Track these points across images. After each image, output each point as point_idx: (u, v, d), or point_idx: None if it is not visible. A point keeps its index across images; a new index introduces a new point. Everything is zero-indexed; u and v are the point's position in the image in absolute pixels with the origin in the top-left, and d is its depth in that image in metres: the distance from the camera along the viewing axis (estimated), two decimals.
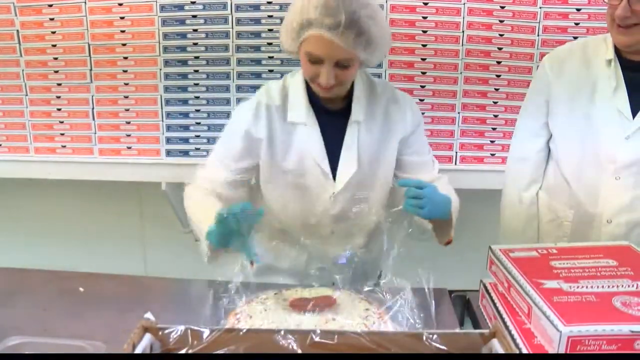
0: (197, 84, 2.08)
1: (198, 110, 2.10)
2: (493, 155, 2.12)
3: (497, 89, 2.05)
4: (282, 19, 1.44)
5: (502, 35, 1.99)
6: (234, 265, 1.29)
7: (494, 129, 2.09)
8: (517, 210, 1.67)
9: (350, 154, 1.50)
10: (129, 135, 2.14)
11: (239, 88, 2.07)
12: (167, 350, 0.98)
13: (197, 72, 2.06)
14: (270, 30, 2.00)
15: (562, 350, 1.01)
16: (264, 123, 1.49)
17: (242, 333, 0.99)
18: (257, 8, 1.99)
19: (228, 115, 1.58)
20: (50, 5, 2.03)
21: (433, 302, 1.19)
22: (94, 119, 2.13)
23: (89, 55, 2.06)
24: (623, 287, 1.14)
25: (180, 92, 2.09)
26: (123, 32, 2.03)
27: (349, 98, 1.50)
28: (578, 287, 1.14)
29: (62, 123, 2.15)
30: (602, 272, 1.20)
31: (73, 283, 1.50)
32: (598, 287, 1.14)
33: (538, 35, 1.98)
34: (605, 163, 1.51)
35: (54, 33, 2.05)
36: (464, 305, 1.47)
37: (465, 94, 2.06)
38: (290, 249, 1.64)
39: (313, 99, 1.49)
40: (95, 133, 2.15)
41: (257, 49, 2.03)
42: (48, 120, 2.15)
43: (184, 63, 2.06)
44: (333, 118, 1.51)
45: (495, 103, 2.07)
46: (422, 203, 1.35)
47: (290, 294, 1.32)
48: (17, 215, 2.49)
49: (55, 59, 2.08)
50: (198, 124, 2.11)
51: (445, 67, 2.03)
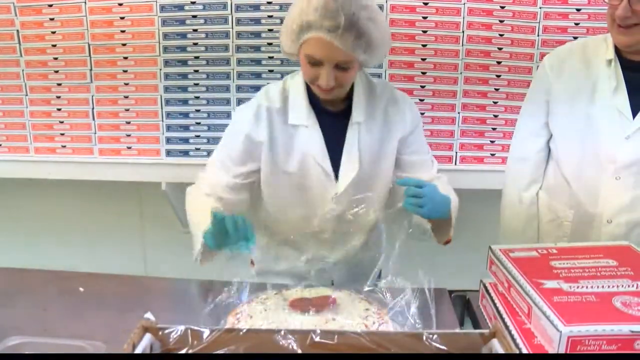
0: (197, 84, 2.07)
1: (198, 110, 2.10)
2: (493, 155, 2.12)
3: (497, 89, 2.05)
4: (282, 19, 1.43)
5: (502, 35, 1.99)
6: (234, 265, 1.30)
7: (494, 129, 2.09)
8: (517, 210, 1.67)
9: (352, 155, 1.50)
10: (129, 135, 2.14)
11: (239, 88, 2.07)
12: (167, 350, 0.98)
13: (197, 72, 2.06)
14: (270, 30, 2.00)
15: (562, 350, 1.01)
16: (265, 126, 1.48)
17: (242, 333, 0.99)
18: (257, 8, 1.99)
19: (228, 116, 1.58)
20: (50, 5, 2.03)
21: (433, 302, 1.19)
22: (94, 119, 2.13)
23: (89, 55, 2.06)
24: (623, 287, 1.14)
25: (180, 92, 2.08)
26: (123, 32, 2.03)
27: (349, 99, 1.50)
28: (578, 287, 1.14)
29: (62, 123, 2.15)
30: (602, 272, 1.20)
31: (73, 283, 1.50)
32: (598, 287, 1.14)
33: (538, 35, 1.98)
34: (606, 163, 1.51)
35: (54, 33, 2.05)
36: (464, 305, 1.47)
37: (465, 94, 2.06)
38: (291, 251, 1.64)
39: (313, 101, 1.49)
40: (95, 133, 2.15)
41: (257, 49, 2.03)
42: (48, 120, 2.15)
43: (184, 63, 2.05)
44: (333, 119, 1.50)
45: (495, 103, 2.06)
46: (422, 202, 1.36)
47: (290, 294, 1.32)
48: (17, 215, 2.49)
49: (55, 59, 2.08)
50: (198, 124, 2.11)
51: (445, 67, 2.03)
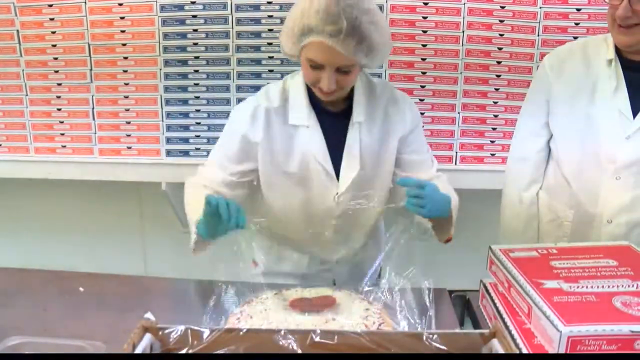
0: (197, 84, 2.07)
1: (198, 110, 2.10)
2: (493, 155, 2.12)
3: (497, 89, 2.05)
4: (282, 19, 1.43)
5: (502, 35, 1.99)
6: (235, 265, 1.30)
7: (494, 129, 2.09)
8: (517, 210, 1.67)
9: (353, 155, 1.50)
10: (129, 135, 2.14)
11: (239, 88, 2.07)
12: (167, 350, 0.99)
13: (197, 72, 2.06)
14: (270, 30, 2.00)
15: (562, 350, 1.01)
16: (262, 126, 1.48)
17: (242, 333, 1.00)
18: (257, 8, 1.99)
19: (228, 116, 1.58)
20: (50, 5, 2.03)
21: (433, 302, 1.19)
22: (94, 119, 2.13)
23: (89, 55, 2.06)
24: (623, 287, 1.14)
25: (180, 92, 2.09)
26: (123, 32, 2.03)
27: (350, 99, 1.50)
28: (578, 287, 1.14)
29: (62, 123, 2.15)
30: (602, 272, 1.20)
31: (73, 283, 1.50)
32: (598, 287, 1.14)
33: (538, 35, 1.98)
34: (606, 163, 1.51)
35: (54, 33, 2.05)
36: (464, 305, 1.47)
37: (465, 94, 2.06)
38: (292, 252, 1.64)
39: (314, 101, 1.49)
40: (96, 133, 2.15)
41: (257, 49, 2.03)
42: (48, 120, 2.15)
43: (184, 63, 2.05)
44: (334, 119, 1.50)
45: (496, 103, 2.06)
46: (423, 202, 1.36)
47: (290, 294, 1.32)
48: (17, 215, 2.49)
49: (56, 59, 2.08)
50: (198, 124, 2.11)
51: (445, 67, 2.03)
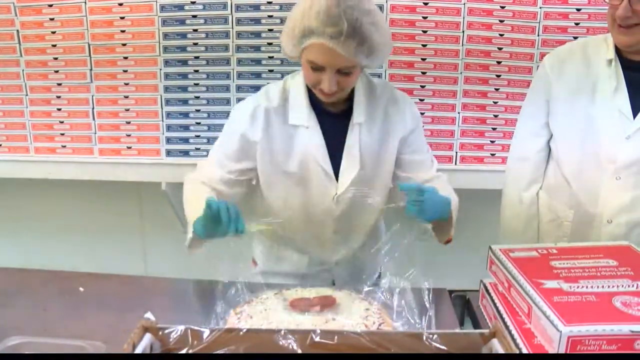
0: (197, 84, 2.07)
1: (198, 110, 2.10)
2: (493, 155, 2.12)
3: (497, 89, 2.05)
4: (282, 19, 1.43)
5: (502, 35, 1.99)
6: (235, 265, 1.30)
7: (494, 129, 2.09)
8: (517, 210, 1.67)
9: (352, 155, 1.50)
10: (129, 135, 2.14)
11: (239, 88, 2.07)
12: (167, 350, 0.99)
13: (197, 72, 2.06)
14: (271, 30, 2.00)
15: (562, 350, 1.01)
16: (261, 126, 1.48)
17: (242, 333, 1.00)
18: (257, 8, 1.99)
19: (228, 115, 1.58)
20: (50, 5, 2.03)
21: (433, 302, 1.19)
22: (94, 119, 2.13)
23: (89, 55, 2.06)
24: (623, 287, 1.14)
25: (180, 92, 2.09)
26: (123, 32, 2.03)
27: (350, 100, 1.50)
28: (578, 287, 1.14)
29: (62, 123, 2.15)
30: (602, 272, 1.20)
31: (73, 283, 1.50)
32: (598, 287, 1.14)
33: (538, 35, 1.98)
34: (606, 163, 1.51)
35: (54, 33, 2.05)
36: (464, 305, 1.47)
37: (466, 94, 2.06)
38: (292, 252, 1.64)
39: (314, 101, 1.49)
40: (96, 133, 2.15)
41: (257, 49, 2.03)
42: (48, 120, 2.15)
43: (184, 63, 2.05)
44: (334, 120, 1.50)
45: (496, 103, 2.06)
46: (423, 207, 1.36)
47: (290, 294, 1.32)
48: (17, 215, 2.49)
49: (56, 59, 2.08)
50: (198, 124, 2.11)
51: (446, 67, 2.03)
